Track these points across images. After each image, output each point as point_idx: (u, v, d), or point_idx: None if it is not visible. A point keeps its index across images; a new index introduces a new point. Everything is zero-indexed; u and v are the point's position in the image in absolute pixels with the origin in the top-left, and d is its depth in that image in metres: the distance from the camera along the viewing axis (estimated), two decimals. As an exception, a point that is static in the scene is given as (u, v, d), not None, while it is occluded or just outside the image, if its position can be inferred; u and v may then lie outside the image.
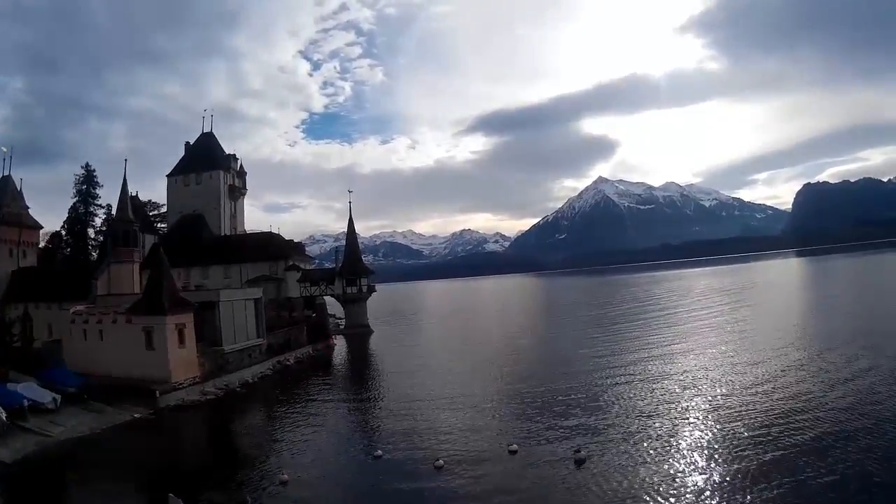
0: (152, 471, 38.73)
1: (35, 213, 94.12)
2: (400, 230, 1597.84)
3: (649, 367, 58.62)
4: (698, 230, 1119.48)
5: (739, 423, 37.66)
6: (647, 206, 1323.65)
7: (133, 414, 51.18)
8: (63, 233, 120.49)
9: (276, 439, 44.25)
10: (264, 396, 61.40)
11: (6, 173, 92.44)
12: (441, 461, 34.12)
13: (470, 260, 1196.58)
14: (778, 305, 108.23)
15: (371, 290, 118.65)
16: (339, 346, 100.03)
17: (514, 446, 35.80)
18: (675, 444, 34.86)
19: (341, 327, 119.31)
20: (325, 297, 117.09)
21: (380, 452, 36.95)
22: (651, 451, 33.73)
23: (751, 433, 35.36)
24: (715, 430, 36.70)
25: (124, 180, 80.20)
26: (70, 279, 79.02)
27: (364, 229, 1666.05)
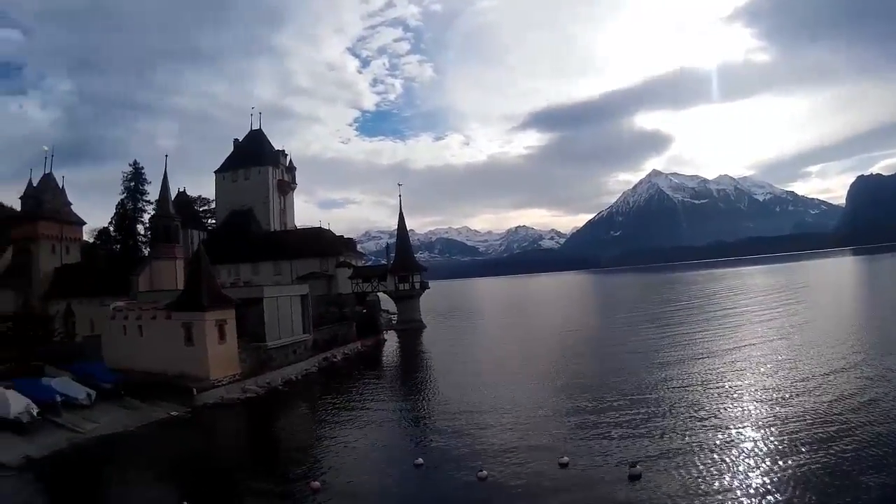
0: (179, 471, 37.07)
1: (84, 210, 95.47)
2: (455, 226, 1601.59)
3: (708, 370, 53.97)
4: (752, 226, 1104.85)
5: (804, 437, 33.07)
6: (701, 201, 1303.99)
7: (169, 412, 49.25)
8: (111, 229, 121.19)
9: (312, 442, 41.88)
10: (306, 395, 59.09)
11: (47, 171, 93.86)
12: (485, 472, 30.83)
13: (525, 257, 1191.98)
14: (839, 307, 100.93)
15: (423, 286, 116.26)
16: (390, 342, 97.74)
17: (565, 458, 32.12)
18: (735, 458, 30.89)
19: (394, 323, 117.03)
20: (379, 294, 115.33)
21: (420, 460, 33.85)
22: (710, 468, 29.80)
23: (816, 449, 31.19)
24: (779, 444, 32.42)
25: (165, 176, 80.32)
26: (111, 275, 78.69)
27: (419, 225, 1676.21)
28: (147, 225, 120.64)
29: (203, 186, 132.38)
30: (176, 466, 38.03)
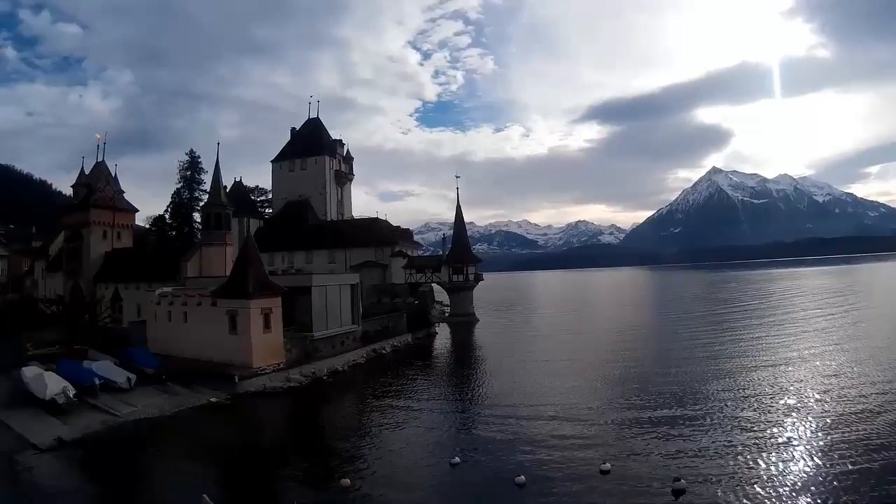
0: (208, 459, 36.24)
1: (145, 197, 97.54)
2: (515, 220, 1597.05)
3: (766, 382, 49.47)
4: (811, 227, 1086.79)
5: (865, 465, 29.56)
6: (761, 201, 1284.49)
7: (209, 398, 48.52)
8: (166, 217, 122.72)
9: (348, 435, 40.14)
10: (350, 387, 57.52)
11: (100, 160, 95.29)
12: (522, 477, 28.89)
13: (585, 251, 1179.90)
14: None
15: (478, 278, 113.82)
16: (442, 335, 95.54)
17: (607, 465, 30.08)
18: (786, 487, 27.52)
19: (446, 315, 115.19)
20: (433, 285, 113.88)
21: (457, 459, 32.15)
22: (758, 493, 26.84)
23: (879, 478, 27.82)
24: (838, 475, 28.63)
25: (217, 165, 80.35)
26: (160, 261, 78.81)
27: (479, 218, 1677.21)
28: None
29: (263, 176, 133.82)
30: (207, 453, 37.19)
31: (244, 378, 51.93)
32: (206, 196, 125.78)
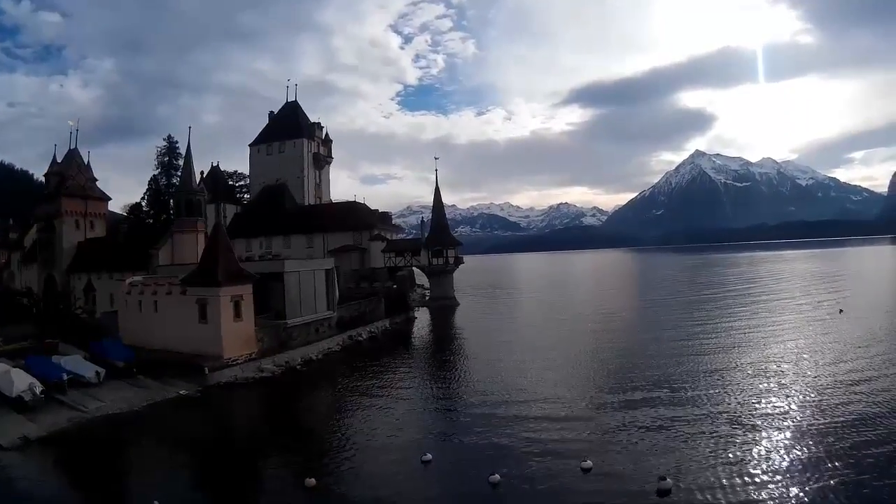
0: (170, 456, 34.96)
1: (128, 186, 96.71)
2: (497, 202, 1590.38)
3: (754, 368, 48.47)
4: (794, 210, 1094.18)
5: (856, 455, 28.95)
6: (744, 184, 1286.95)
7: (179, 391, 47.09)
8: (143, 204, 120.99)
9: (317, 431, 39.27)
10: (323, 376, 55.90)
11: (73, 147, 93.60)
12: (497, 475, 27.49)
13: (567, 234, 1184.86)
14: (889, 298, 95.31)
15: (458, 261, 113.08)
16: (421, 319, 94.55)
17: (588, 462, 28.69)
18: (777, 480, 26.70)
19: (427, 299, 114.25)
20: (414, 269, 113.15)
21: (429, 456, 30.71)
22: (747, 486, 26.11)
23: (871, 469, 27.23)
24: (830, 465, 27.96)
25: (188, 149, 79.69)
26: (132, 249, 77.09)
27: (461, 201, 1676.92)
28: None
29: (244, 161, 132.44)
30: (171, 452, 35.78)
31: (215, 369, 50.47)
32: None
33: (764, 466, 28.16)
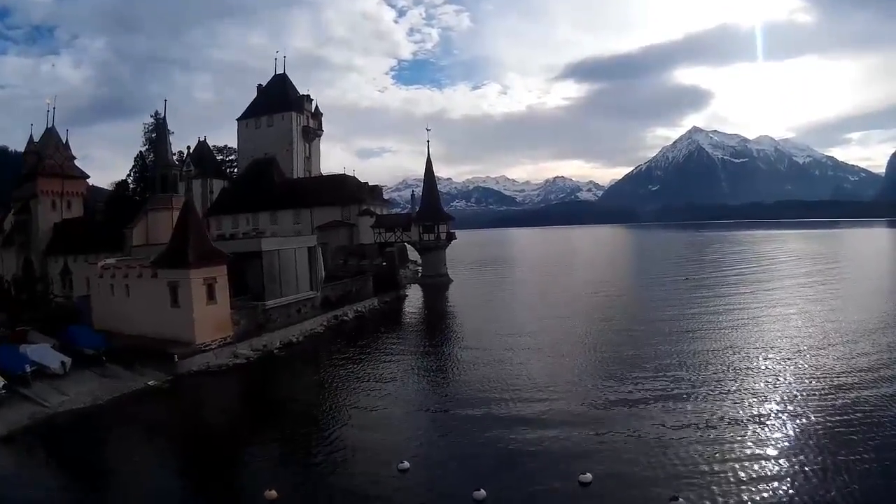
0: (128, 463, 31.29)
1: (121, 164, 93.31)
2: (493, 175, 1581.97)
3: (773, 364, 43.84)
4: (791, 188, 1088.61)
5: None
6: (741, 160, 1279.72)
7: (147, 381, 44.10)
8: (129, 181, 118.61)
9: (286, 428, 35.62)
10: (303, 360, 53.02)
11: (50, 125, 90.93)
12: (483, 491, 24.13)
13: (562, 208, 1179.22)
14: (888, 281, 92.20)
15: (450, 237, 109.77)
16: (411, 298, 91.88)
17: (588, 475, 25.16)
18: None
19: (419, 276, 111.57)
20: (406, 245, 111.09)
21: (406, 465, 27.41)
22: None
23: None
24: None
25: (164, 121, 76.92)
26: (107, 229, 73.97)
27: (457, 174, 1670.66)
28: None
29: (235, 136, 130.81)
30: (125, 454, 32.53)
31: (185, 356, 47.35)
32: (173, 158, 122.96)
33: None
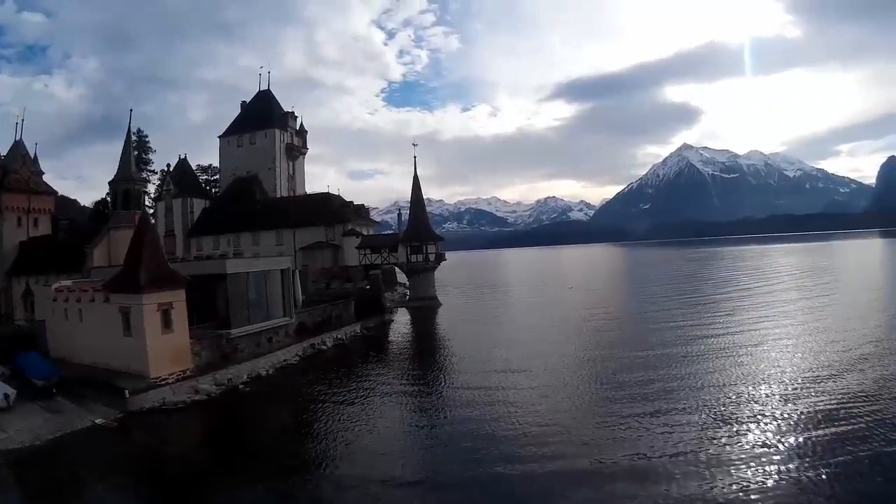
0: None
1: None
2: (484, 197, 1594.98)
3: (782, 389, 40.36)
4: (782, 203, 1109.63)
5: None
6: (732, 175, 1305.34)
7: (93, 419, 39.53)
8: (108, 199, 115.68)
9: (249, 476, 30.63)
10: (268, 398, 47.93)
11: (17, 138, 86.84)
12: None
13: (554, 228, 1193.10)
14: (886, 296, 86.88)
15: (439, 258, 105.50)
16: (397, 323, 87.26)
17: None
18: None
19: (407, 299, 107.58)
20: (394, 267, 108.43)
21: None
22: None
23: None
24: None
25: (128, 134, 72.38)
26: (67, 249, 70.09)
27: (448, 195, 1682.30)
28: (151, 195, 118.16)
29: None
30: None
31: (138, 392, 42.49)
32: (153, 177, 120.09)
33: None
